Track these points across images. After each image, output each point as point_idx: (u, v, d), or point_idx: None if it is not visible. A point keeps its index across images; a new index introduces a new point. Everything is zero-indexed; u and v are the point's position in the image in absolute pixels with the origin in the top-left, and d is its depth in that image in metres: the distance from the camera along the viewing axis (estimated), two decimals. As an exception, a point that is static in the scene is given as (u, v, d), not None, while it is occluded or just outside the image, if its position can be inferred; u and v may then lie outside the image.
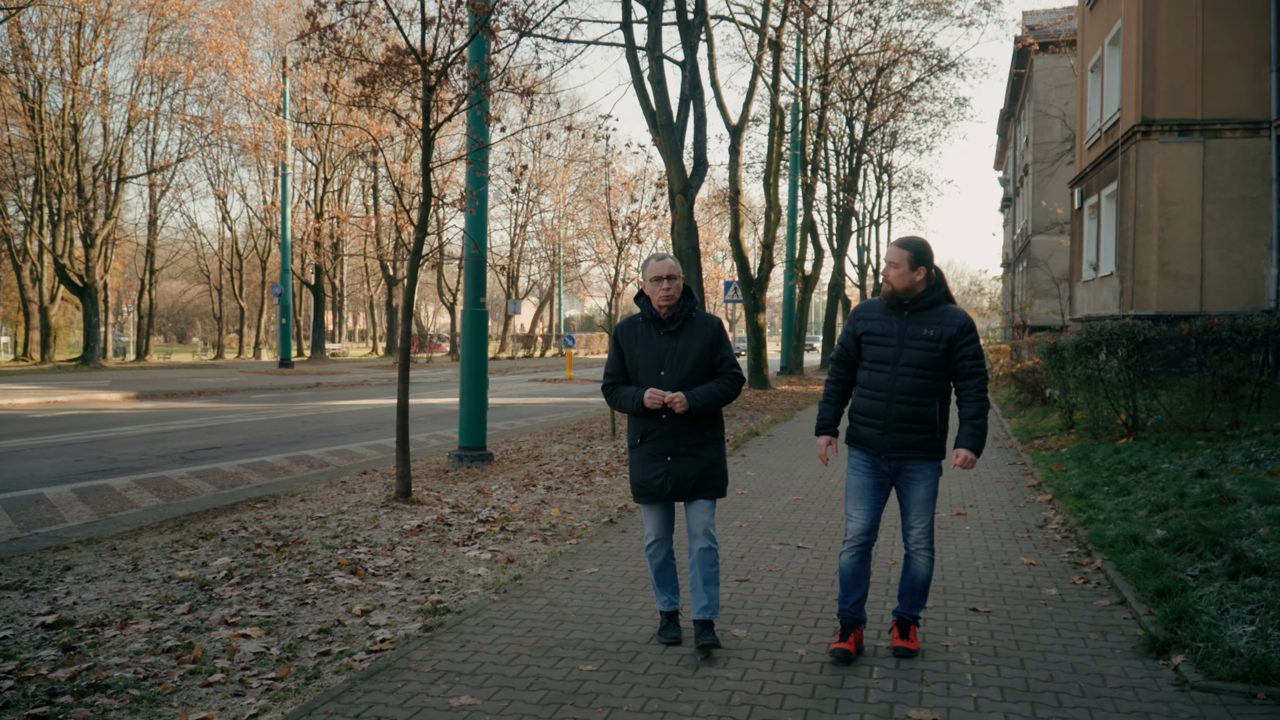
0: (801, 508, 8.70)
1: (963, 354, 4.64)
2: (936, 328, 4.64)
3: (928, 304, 4.69)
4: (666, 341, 4.90)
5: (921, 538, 4.76)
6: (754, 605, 5.64)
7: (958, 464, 4.64)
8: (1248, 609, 4.91)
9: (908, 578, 4.83)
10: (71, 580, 6.22)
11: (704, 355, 4.87)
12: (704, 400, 4.81)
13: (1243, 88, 17.45)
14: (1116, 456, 10.21)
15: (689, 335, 4.90)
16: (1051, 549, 7.02)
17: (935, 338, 4.62)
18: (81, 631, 5.16)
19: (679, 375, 4.84)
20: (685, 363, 4.85)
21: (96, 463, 12.25)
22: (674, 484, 4.84)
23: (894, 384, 4.65)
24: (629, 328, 5.03)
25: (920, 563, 4.79)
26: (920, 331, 4.64)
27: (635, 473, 4.99)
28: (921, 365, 4.62)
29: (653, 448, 4.88)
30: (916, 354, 4.63)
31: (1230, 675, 4.27)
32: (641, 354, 4.93)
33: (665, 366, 4.86)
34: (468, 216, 10.70)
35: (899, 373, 4.64)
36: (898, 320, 4.70)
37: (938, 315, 4.68)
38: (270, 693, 4.34)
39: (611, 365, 5.06)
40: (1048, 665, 4.61)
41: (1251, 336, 11.00)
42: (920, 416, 4.63)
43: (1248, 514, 6.73)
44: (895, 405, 4.64)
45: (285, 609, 5.57)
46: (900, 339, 4.66)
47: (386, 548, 7.04)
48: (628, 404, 4.92)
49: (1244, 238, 17.47)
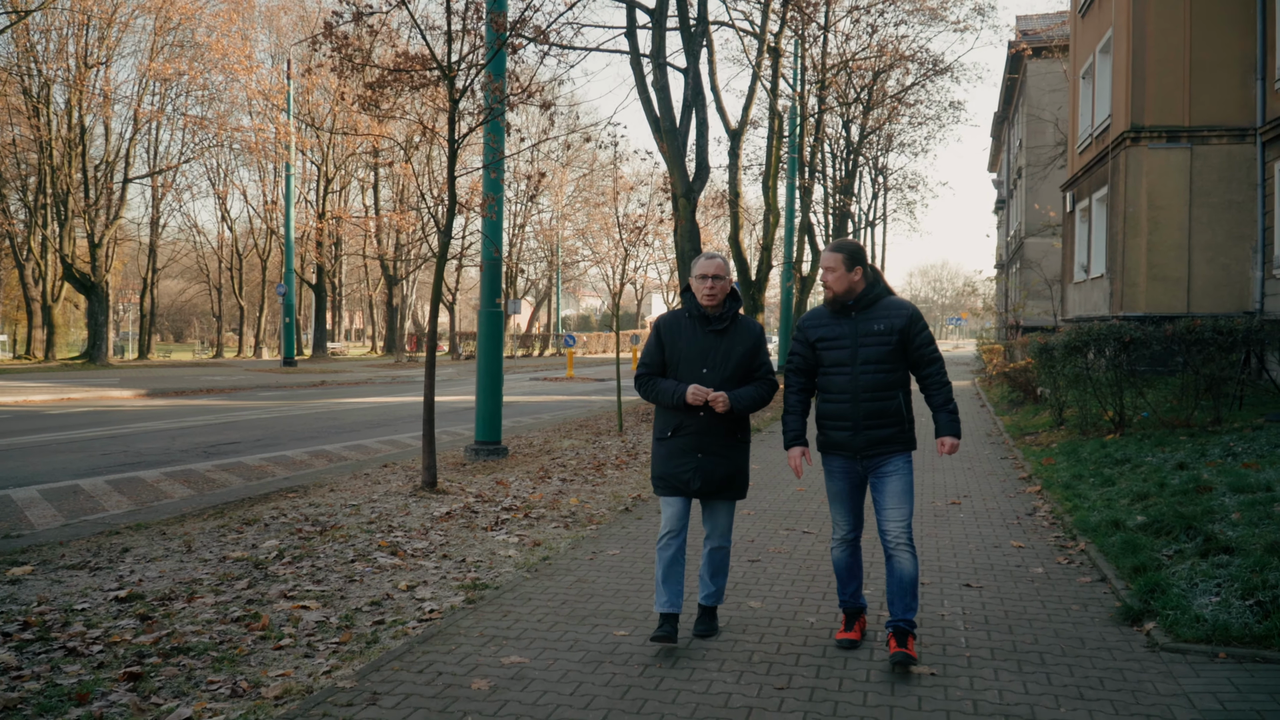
0: (804, 498, 9.21)
1: (918, 343, 4.78)
2: (885, 321, 4.77)
3: (870, 300, 4.82)
4: (712, 340, 4.95)
5: (901, 533, 4.72)
6: (766, 582, 6.16)
7: (944, 452, 4.78)
8: (1214, 583, 5.42)
9: (893, 580, 4.76)
10: (132, 561, 6.72)
11: (746, 357, 4.94)
12: (745, 402, 4.89)
13: (1229, 96, 18.00)
14: (1103, 451, 10.73)
15: (734, 336, 4.97)
16: (1039, 534, 7.55)
17: (886, 331, 4.75)
18: (153, 604, 5.65)
19: (721, 374, 4.89)
20: (729, 363, 4.91)
21: (122, 457, 12.71)
22: (703, 480, 4.88)
23: (856, 383, 4.74)
24: (673, 321, 5.05)
25: (903, 560, 4.73)
26: (871, 328, 4.76)
27: (659, 465, 5.01)
28: (879, 360, 4.73)
29: (684, 442, 4.91)
30: (871, 350, 4.75)
31: (1195, 638, 4.79)
32: (685, 349, 4.95)
33: (709, 364, 4.90)
34: (485, 221, 11.20)
35: (859, 371, 4.74)
36: (846, 322, 4.82)
37: (883, 309, 4.81)
38: (337, 654, 4.84)
39: (649, 356, 5.06)
40: (1033, 631, 5.12)
41: (1232, 337, 11.53)
42: (887, 411, 4.73)
43: (1221, 501, 7.25)
44: (861, 404, 4.73)
45: (336, 585, 6.07)
46: (854, 339, 4.77)
47: (420, 532, 7.55)
48: (666, 397, 4.92)
49: (1230, 241, 18.01)
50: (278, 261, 57.04)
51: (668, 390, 4.92)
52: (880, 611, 5.47)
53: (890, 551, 4.76)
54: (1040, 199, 34.01)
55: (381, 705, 4.14)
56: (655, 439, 5.08)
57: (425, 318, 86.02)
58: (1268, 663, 4.52)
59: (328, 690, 4.31)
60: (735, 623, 5.30)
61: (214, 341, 62.50)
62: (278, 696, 4.25)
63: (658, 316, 5.23)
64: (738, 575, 6.27)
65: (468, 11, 9.43)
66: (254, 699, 4.25)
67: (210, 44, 37.28)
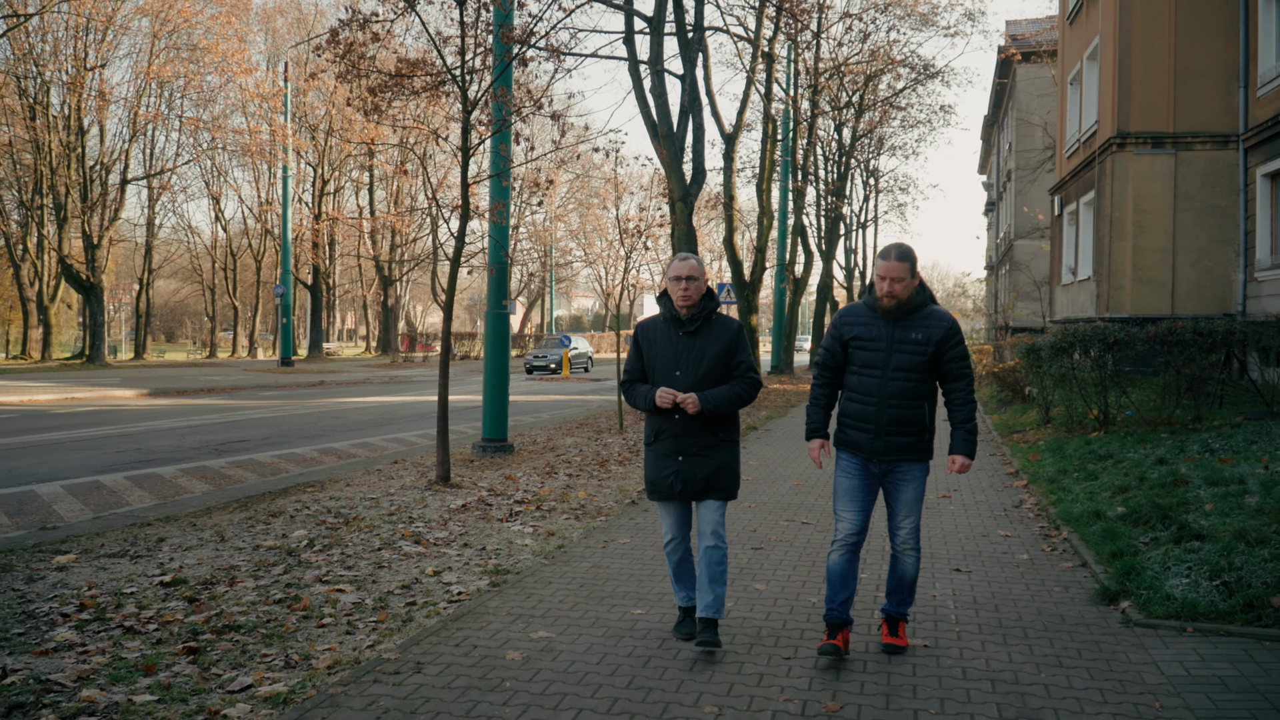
0: (802, 491, 9.64)
1: (950, 356, 4.71)
2: (924, 331, 4.69)
3: (915, 307, 4.74)
4: (684, 342, 4.92)
5: (909, 538, 4.83)
6: (770, 567, 6.58)
7: (954, 470, 4.76)
8: (1185, 566, 5.86)
9: (895, 576, 4.91)
10: (169, 550, 7.10)
11: (720, 357, 4.89)
12: (717, 402, 4.83)
13: (1212, 103, 18.49)
14: (1087, 448, 11.18)
15: (707, 336, 4.92)
16: (1025, 524, 7.99)
17: (923, 341, 4.68)
18: (197, 588, 6.04)
19: (694, 376, 4.86)
20: (701, 363, 4.86)
21: (136, 454, 13.07)
22: (683, 484, 4.88)
23: (885, 388, 4.69)
24: (649, 327, 5.06)
25: (907, 562, 4.86)
26: (908, 335, 4.70)
27: (649, 470, 5.05)
28: (911, 369, 4.68)
29: (665, 446, 4.93)
30: (906, 358, 4.68)
31: (1166, 614, 5.23)
32: (660, 353, 4.96)
33: (681, 366, 4.88)
34: (493, 226, 11.61)
35: (889, 377, 4.68)
36: (885, 325, 4.74)
37: (924, 318, 4.73)
38: (376, 631, 5.24)
39: (631, 363, 5.10)
40: (1017, 610, 5.55)
41: (1212, 338, 11.99)
42: (911, 420, 4.69)
43: (1197, 494, 7.69)
44: (887, 410, 4.69)
45: (367, 570, 6.47)
46: (889, 343, 4.70)
47: (440, 523, 7.96)
48: (641, 402, 4.96)
49: (1213, 245, 18.51)
50: (272, 262, 57.27)
51: (643, 395, 4.96)
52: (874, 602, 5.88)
53: (898, 553, 4.88)
54: (1029, 202, 34.54)
55: (425, 673, 4.54)
56: (644, 444, 5.13)
57: (419, 318, 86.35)
58: (1231, 635, 4.95)
59: (374, 661, 4.71)
60: (743, 602, 5.72)
61: (206, 341, 62.68)
62: (329, 666, 4.65)
63: (637, 322, 5.25)
64: (743, 561, 6.69)
65: (478, 25, 9.82)
66: (306, 669, 4.65)
67: (209, 46, 37.61)
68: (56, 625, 5.30)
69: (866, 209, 45.37)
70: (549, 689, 4.36)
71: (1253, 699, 4.19)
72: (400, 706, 4.15)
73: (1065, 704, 4.18)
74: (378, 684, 4.41)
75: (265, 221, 52.89)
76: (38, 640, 5.05)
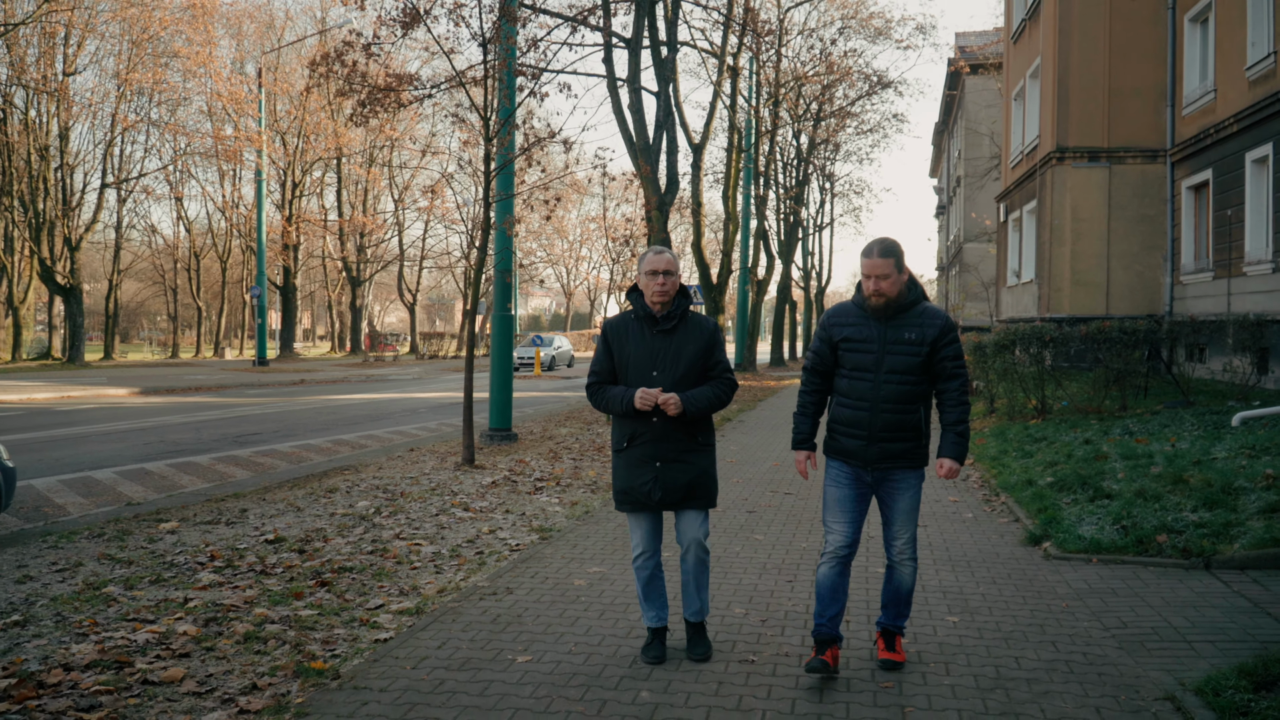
0: (781, 470, 11.10)
1: (944, 355, 4.48)
2: (918, 330, 4.45)
3: (907, 305, 4.49)
4: (660, 340, 4.68)
5: (906, 548, 4.62)
6: (764, 524, 8.03)
7: (942, 474, 4.51)
8: (1095, 517, 7.40)
9: (890, 588, 4.69)
10: (255, 518, 8.38)
11: (698, 357, 4.66)
12: (699, 403, 4.60)
13: (1143, 120, 20.31)
14: (1026, 432, 12.76)
15: (683, 335, 4.68)
16: (971, 492, 9.53)
17: (917, 341, 4.44)
18: (298, 544, 7.34)
19: (672, 376, 4.62)
20: (679, 363, 4.64)
21: (162, 446, 14.18)
22: (663, 491, 4.62)
23: (878, 392, 4.44)
24: (620, 325, 4.78)
25: (904, 573, 4.65)
26: (901, 335, 4.45)
27: (620, 479, 4.75)
28: (906, 371, 4.44)
29: (641, 452, 4.65)
30: (900, 359, 4.44)
31: (1077, 550, 6.74)
32: (633, 352, 4.70)
33: (658, 366, 4.64)
34: (499, 236, 12.95)
35: (883, 380, 4.44)
36: (876, 325, 4.49)
37: (917, 316, 4.48)
38: (460, 571, 6.59)
39: (598, 364, 4.80)
40: (964, 551, 7.05)
41: (1135, 336, 13.66)
42: (906, 424, 4.46)
43: (1113, 466, 9.26)
44: (880, 414, 4.45)
45: (433, 530, 7.82)
46: (881, 344, 4.46)
47: (478, 495, 9.32)
48: (616, 405, 4.66)
49: (1144, 250, 20.32)
50: (236, 262, 57.82)
51: (616, 397, 4.67)
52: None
53: (894, 564, 4.67)
54: (977, 207, 36.44)
55: (516, 594, 5.92)
56: (613, 451, 4.84)
57: (379, 320, 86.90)
58: (1125, 563, 6.49)
59: (471, 588, 6.07)
60: (746, 549, 7.15)
61: (165, 342, 62.91)
62: (439, 591, 6.01)
63: (604, 321, 5.07)
64: (740, 521, 8.13)
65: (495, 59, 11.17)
66: (418, 596, 5.99)
67: (178, 49, 38.39)
68: (197, 571, 6.58)
69: (823, 213, 47.24)
70: (615, 601, 5.77)
71: (1133, 600, 5.70)
72: (506, 614, 5.53)
73: (997, 605, 5.66)
74: (484, 600, 5.78)
75: (232, 220, 53.45)
76: (190, 581, 6.32)
